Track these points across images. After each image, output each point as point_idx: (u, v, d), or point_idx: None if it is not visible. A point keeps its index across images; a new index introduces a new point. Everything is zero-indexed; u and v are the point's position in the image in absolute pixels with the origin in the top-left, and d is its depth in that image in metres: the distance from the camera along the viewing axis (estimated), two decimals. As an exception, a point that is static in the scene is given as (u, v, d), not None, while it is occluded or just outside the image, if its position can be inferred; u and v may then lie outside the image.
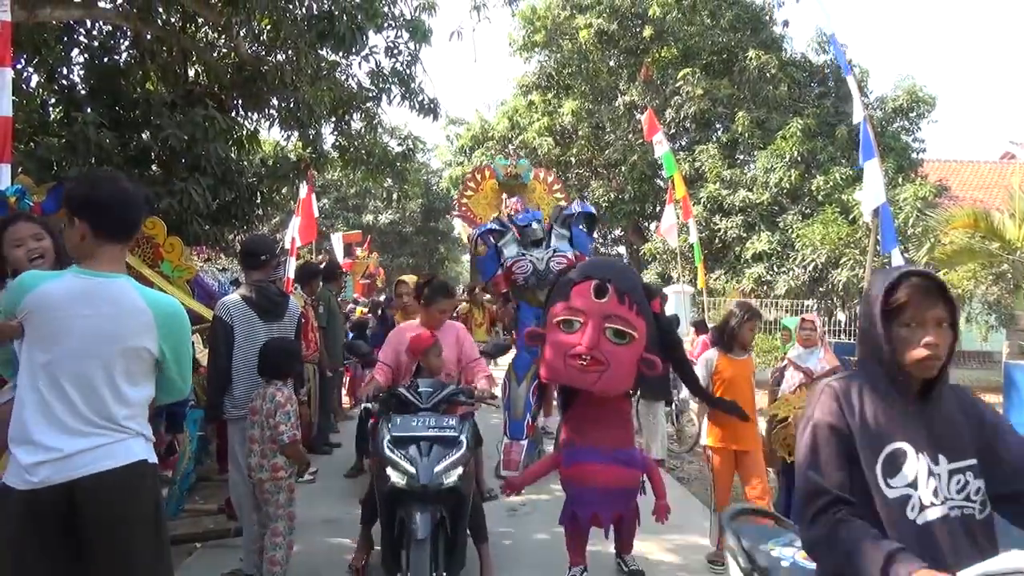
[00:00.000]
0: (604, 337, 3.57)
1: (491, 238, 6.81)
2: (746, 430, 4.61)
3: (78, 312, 2.34)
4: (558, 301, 3.76)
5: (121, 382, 2.39)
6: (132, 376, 2.42)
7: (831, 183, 15.72)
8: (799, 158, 16.33)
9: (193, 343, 5.59)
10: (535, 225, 6.69)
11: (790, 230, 15.96)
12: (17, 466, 2.32)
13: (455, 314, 13.42)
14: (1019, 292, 13.72)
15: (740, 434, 4.61)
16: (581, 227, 6.86)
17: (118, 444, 2.37)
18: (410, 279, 6.63)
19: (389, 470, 3.53)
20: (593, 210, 7.14)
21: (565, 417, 4.07)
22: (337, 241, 15.75)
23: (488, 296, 10.13)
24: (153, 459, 2.47)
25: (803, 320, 5.33)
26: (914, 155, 17.73)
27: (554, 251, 6.58)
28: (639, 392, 6.39)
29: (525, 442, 6.63)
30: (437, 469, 3.50)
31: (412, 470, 3.47)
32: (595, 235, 7.08)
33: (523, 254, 6.61)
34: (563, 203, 8.08)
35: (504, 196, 8.47)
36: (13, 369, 2.52)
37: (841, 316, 15.61)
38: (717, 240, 16.87)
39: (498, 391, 7.16)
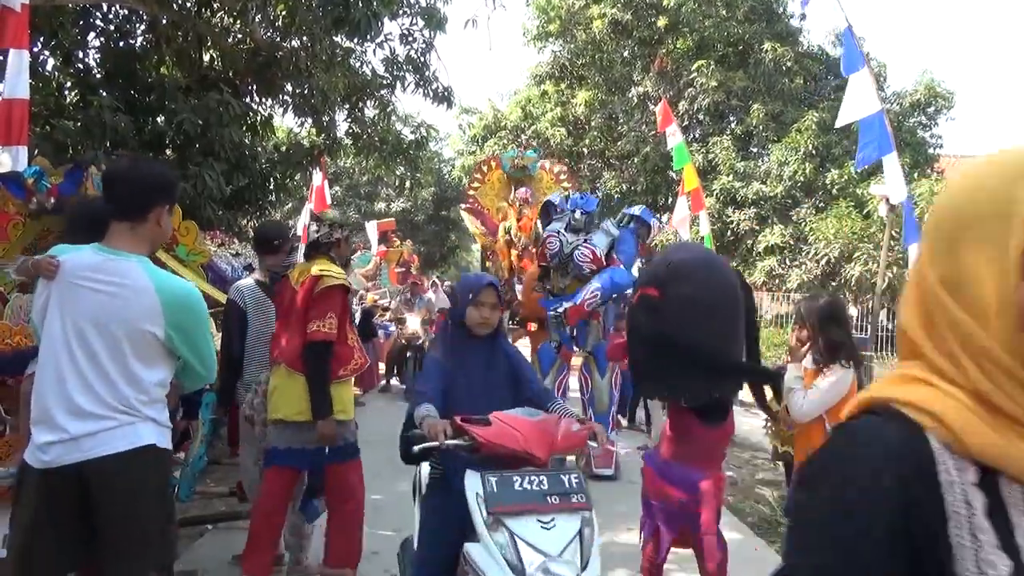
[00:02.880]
0: None
1: (555, 209, 6.74)
2: None
3: (85, 283, 2.39)
4: None
5: (132, 363, 2.40)
6: (143, 358, 2.43)
7: (845, 177, 15.61)
8: (813, 151, 16.21)
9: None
10: (578, 215, 6.51)
11: (803, 224, 15.87)
12: (33, 443, 2.38)
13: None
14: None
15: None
16: (635, 233, 6.74)
17: (126, 428, 2.38)
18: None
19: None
20: (651, 221, 6.99)
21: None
22: (372, 229, 15.65)
23: (512, 325, 10.19)
24: (163, 444, 2.48)
25: None
26: (930, 150, 17.58)
27: (584, 240, 6.42)
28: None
29: (615, 435, 6.60)
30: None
31: None
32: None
33: (557, 232, 6.48)
34: (571, 192, 8.03)
35: (513, 187, 8.47)
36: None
37: (853, 311, 15.53)
38: (729, 233, 16.80)
39: (573, 382, 7.13)
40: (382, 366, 11.82)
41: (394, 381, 11.83)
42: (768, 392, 3.72)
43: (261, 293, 4.27)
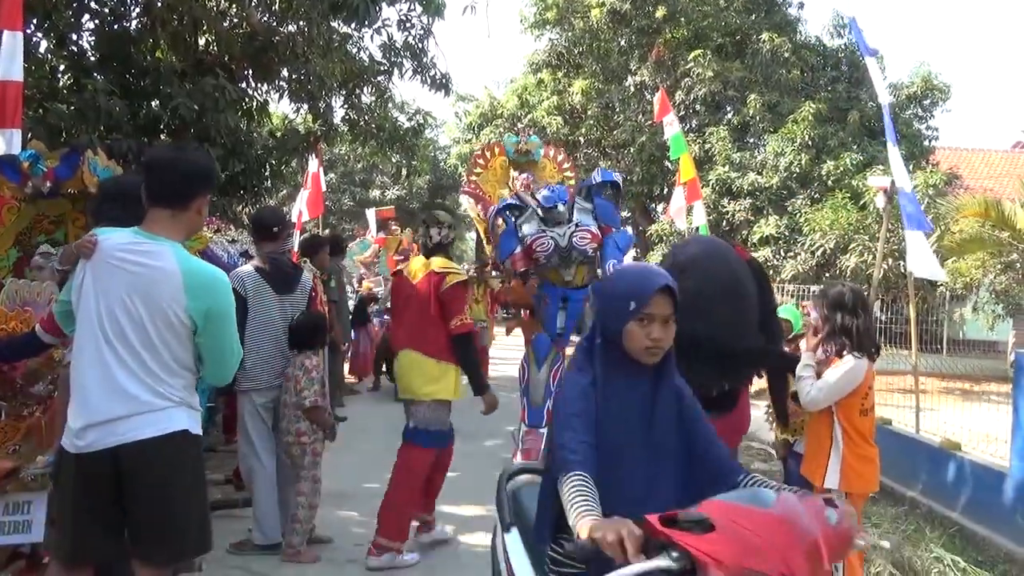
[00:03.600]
0: None
1: (510, 215, 6.58)
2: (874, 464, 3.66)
3: (119, 263, 2.41)
4: None
5: (160, 346, 2.41)
6: (172, 341, 2.43)
7: (841, 168, 15.60)
8: (810, 143, 16.19)
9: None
10: (560, 207, 6.37)
11: (799, 215, 15.87)
12: (69, 429, 2.40)
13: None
14: (1027, 282, 13.70)
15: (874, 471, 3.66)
16: (605, 196, 6.54)
17: (160, 413, 2.39)
18: None
19: None
20: (616, 177, 6.76)
21: None
22: (371, 216, 15.75)
23: (496, 274, 10.06)
24: (196, 430, 2.50)
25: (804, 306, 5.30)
26: (926, 143, 17.61)
27: (576, 225, 6.30)
28: None
29: (544, 431, 6.35)
30: None
31: None
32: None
33: (543, 231, 6.35)
34: (573, 180, 7.93)
35: (513, 172, 8.39)
36: (72, 323, 2.55)
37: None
38: (725, 223, 16.79)
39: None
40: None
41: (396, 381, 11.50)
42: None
43: (261, 280, 4.24)
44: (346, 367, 10.12)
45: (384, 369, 9.99)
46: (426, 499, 4.50)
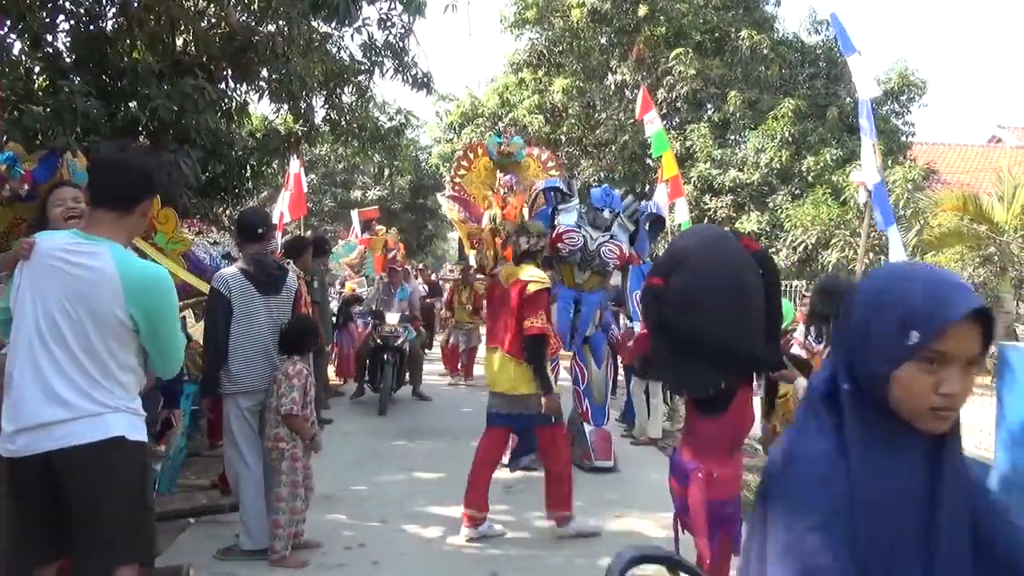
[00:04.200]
0: None
1: (553, 196, 6.54)
2: None
3: (57, 263, 2.36)
4: None
5: (100, 349, 2.36)
6: (112, 344, 2.39)
7: (821, 164, 15.75)
8: (790, 139, 16.34)
9: (185, 317, 5.53)
10: (607, 213, 6.37)
11: (780, 211, 16.00)
12: (3, 433, 2.36)
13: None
14: (1005, 275, 13.88)
15: None
16: (647, 228, 6.60)
17: (96, 419, 2.34)
18: None
19: None
20: (665, 216, 6.89)
21: None
22: (355, 217, 15.68)
23: (481, 277, 10.01)
24: (134, 436, 2.43)
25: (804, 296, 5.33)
26: (903, 138, 17.79)
27: (611, 236, 6.30)
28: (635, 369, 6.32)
29: (607, 427, 6.48)
30: None
31: None
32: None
33: (579, 226, 6.33)
34: (558, 179, 7.91)
35: (499, 174, 8.36)
36: (7, 330, 2.50)
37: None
38: (707, 220, 16.86)
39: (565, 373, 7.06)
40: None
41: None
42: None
43: (246, 282, 4.17)
44: (331, 369, 10.05)
45: (367, 377, 9.27)
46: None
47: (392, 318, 8.97)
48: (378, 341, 8.79)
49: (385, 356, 8.68)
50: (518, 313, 4.61)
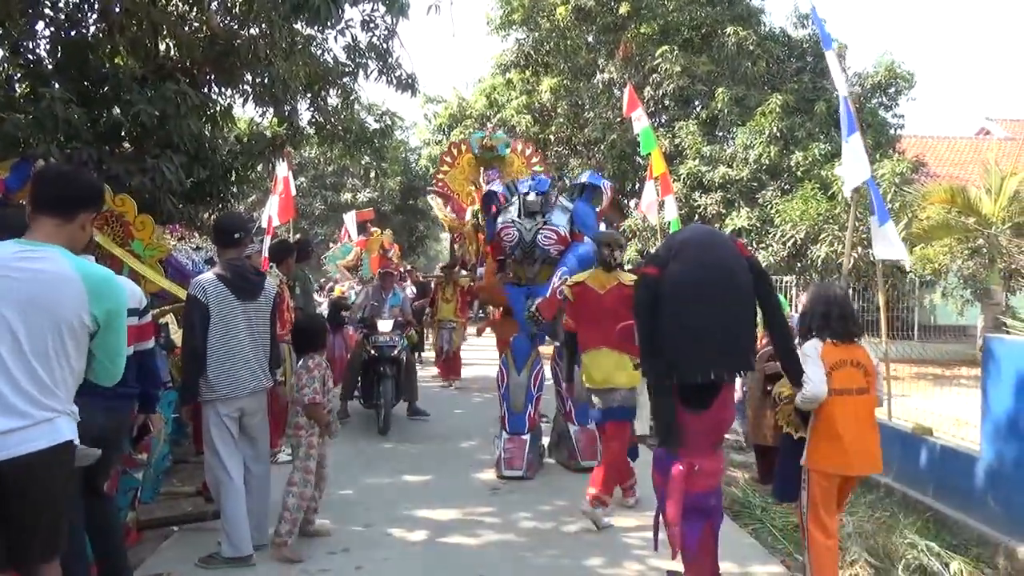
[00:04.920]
0: None
1: (499, 199, 6.51)
2: (871, 444, 3.73)
3: (10, 273, 2.34)
4: None
5: (53, 355, 2.37)
6: (64, 349, 2.40)
7: (810, 159, 15.75)
8: (778, 134, 16.33)
9: (167, 324, 5.50)
10: (533, 196, 6.28)
11: (769, 206, 15.99)
12: None
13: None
14: (994, 266, 13.92)
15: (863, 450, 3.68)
16: (589, 201, 6.50)
17: (46, 425, 2.35)
18: None
19: None
20: (601, 182, 6.71)
21: None
22: (350, 220, 15.64)
23: (465, 273, 10.01)
24: (75, 437, 2.46)
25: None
26: (892, 131, 17.81)
27: (544, 222, 6.21)
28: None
29: (527, 437, 6.31)
30: None
31: None
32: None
33: (512, 221, 6.26)
34: (543, 175, 7.89)
35: (482, 170, 8.36)
36: None
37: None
38: (697, 217, 16.86)
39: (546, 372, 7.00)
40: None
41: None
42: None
43: (223, 288, 4.14)
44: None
45: (357, 393, 8.54)
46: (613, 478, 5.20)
47: (385, 326, 8.22)
48: (372, 352, 8.00)
49: (383, 368, 7.87)
50: (624, 314, 4.72)
